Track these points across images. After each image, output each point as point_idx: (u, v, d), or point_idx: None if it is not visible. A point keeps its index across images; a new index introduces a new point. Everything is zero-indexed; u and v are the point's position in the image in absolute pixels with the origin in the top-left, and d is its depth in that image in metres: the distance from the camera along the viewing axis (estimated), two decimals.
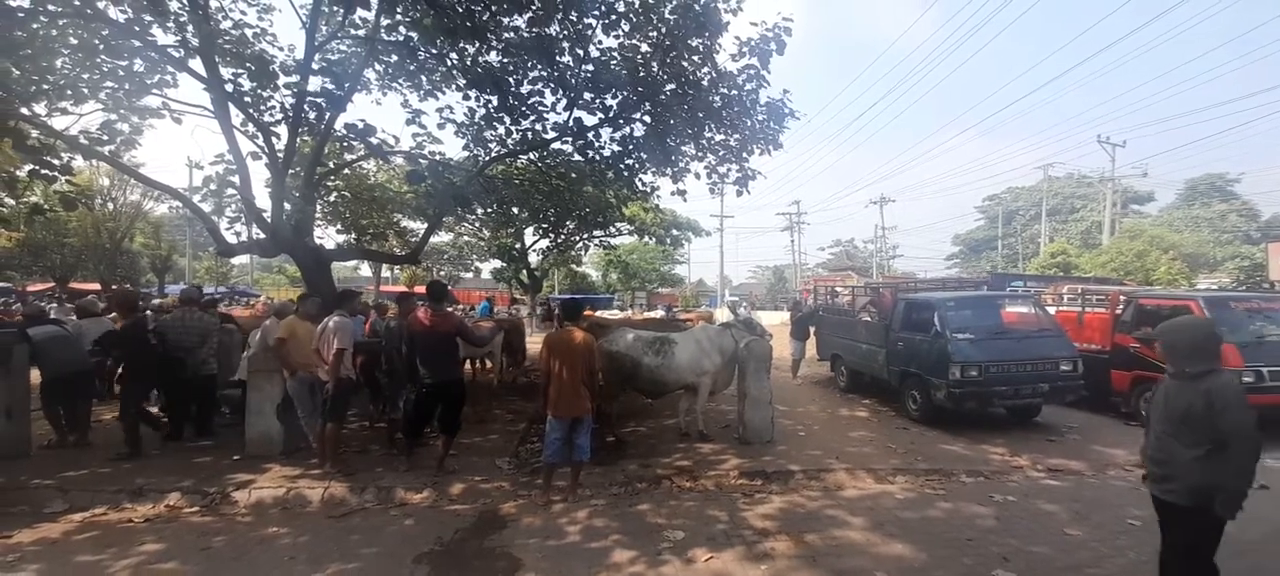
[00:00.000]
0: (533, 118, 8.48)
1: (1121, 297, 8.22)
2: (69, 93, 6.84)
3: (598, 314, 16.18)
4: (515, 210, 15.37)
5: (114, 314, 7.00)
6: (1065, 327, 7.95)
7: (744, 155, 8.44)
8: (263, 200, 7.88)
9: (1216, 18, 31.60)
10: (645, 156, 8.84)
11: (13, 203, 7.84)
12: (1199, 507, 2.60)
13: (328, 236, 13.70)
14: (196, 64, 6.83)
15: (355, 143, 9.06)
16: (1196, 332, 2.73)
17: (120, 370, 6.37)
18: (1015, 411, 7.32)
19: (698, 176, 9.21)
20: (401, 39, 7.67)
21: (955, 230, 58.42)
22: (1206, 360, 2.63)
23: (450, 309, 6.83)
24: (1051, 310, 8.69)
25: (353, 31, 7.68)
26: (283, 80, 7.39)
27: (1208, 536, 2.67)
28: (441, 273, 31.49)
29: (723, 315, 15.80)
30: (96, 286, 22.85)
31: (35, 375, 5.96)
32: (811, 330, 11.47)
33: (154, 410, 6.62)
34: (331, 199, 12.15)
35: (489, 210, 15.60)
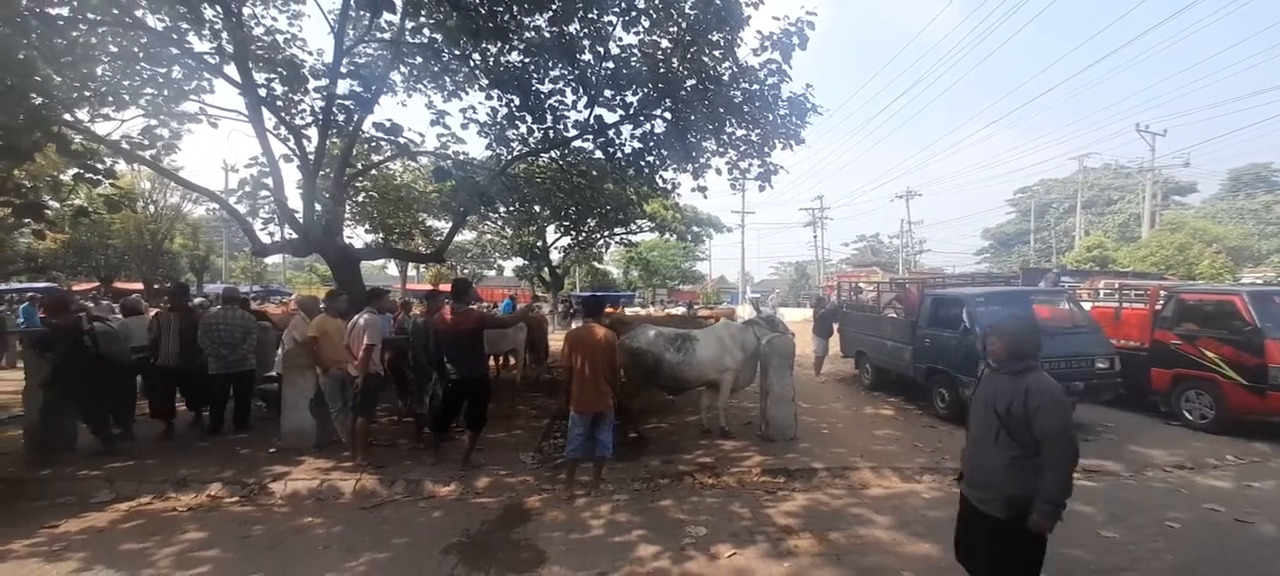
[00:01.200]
0: (554, 116, 8.54)
1: (1162, 292, 7.93)
2: (110, 99, 7.13)
3: (624, 311, 16.23)
4: (537, 208, 15.48)
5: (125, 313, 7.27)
6: (1102, 324, 7.70)
7: (766, 150, 8.35)
8: (294, 201, 8.12)
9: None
10: (666, 153, 8.82)
11: (58, 205, 8.21)
12: (1014, 520, 2.43)
13: (356, 236, 14.03)
14: (231, 70, 7.05)
15: (382, 143, 9.26)
16: (1022, 325, 2.61)
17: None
18: None
19: (719, 172, 9.16)
20: (426, 41, 7.80)
21: (985, 224, 57.05)
22: (1029, 355, 2.49)
23: (473, 306, 6.94)
24: (1087, 305, 8.43)
25: (379, 35, 7.84)
26: (313, 84, 7.59)
27: (1026, 551, 2.48)
28: (465, 271, 31.91)
29: (744, 312, 15.71)
30: (139, 286, 23.78)
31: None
32: (835, 327, 11.33)
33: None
34: (360, 199, 12.43)
35: (511, 208, 15.76)
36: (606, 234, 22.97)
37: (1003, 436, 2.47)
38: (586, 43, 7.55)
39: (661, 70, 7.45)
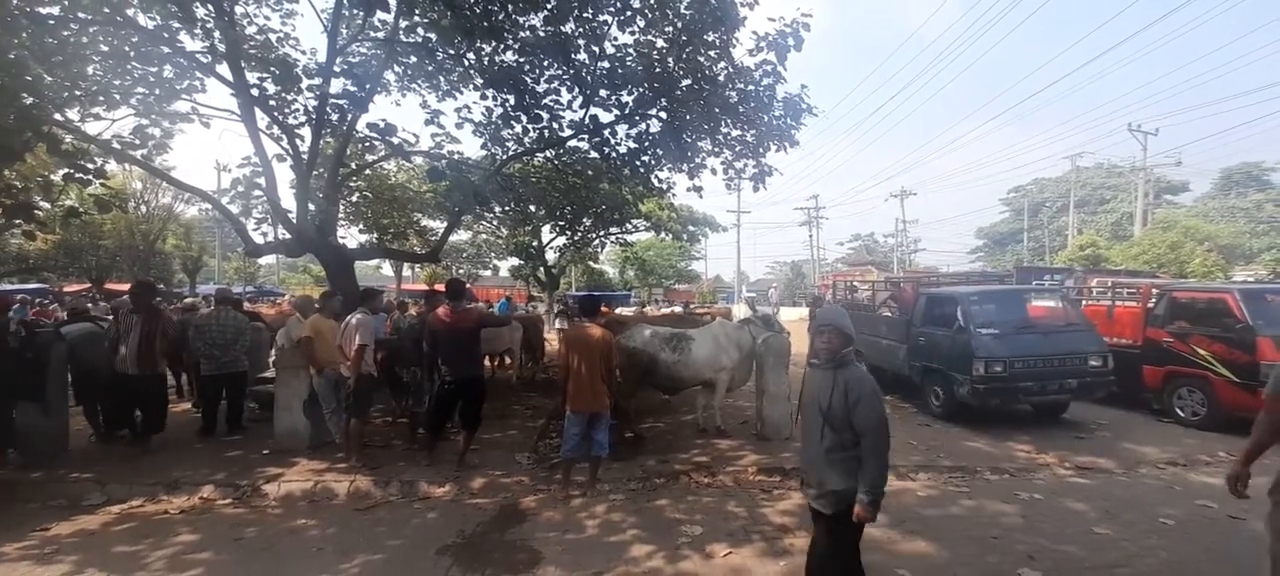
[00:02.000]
0: (549, 116, 8.53)
1: (1154, 290, 7.99)
2: (101, 98, 7.06)
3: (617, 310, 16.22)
4: (532, 208, 15.46)
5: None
6: (1095, 322, 7.75)
7: (761, 151, 8.37)
8: (288, 201, 8.07)
9: None
10: (661, 153, 8.82)
11: (49, 205, 8.14)
12: (841, 514, 2.48)
13: (350, 236, 13.98)
14: (223, 69, 7.00)
15: (376, 143, 9.22)
16: (843, 320, 2.64)
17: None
18: (1041, 408, 7.16)
19: (714, 172, 9.16)
20: (420, 40, 7.77)
21: (979, 223, 57.28)
22: (846, 349, 2.54)
23: (470, 305, 6.92)
24: (1081, 303, 8.48)
25: (373, 34, 7.80)
26: (306, 83, 7.56)
27: (846, 539, 2.55)
28: (460, 271, 31.81)
29: (740, 311, 15.72)
30: (129, 285, 23.56)
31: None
32: None
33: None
34: (354, 199, 12.38)
35: (506, 208, 15.71)
36: (602, 233, 22.94)
37: (827, 431, 2.51)
38: (582, 42, 7.54)
39: (657, 70, 7.45)
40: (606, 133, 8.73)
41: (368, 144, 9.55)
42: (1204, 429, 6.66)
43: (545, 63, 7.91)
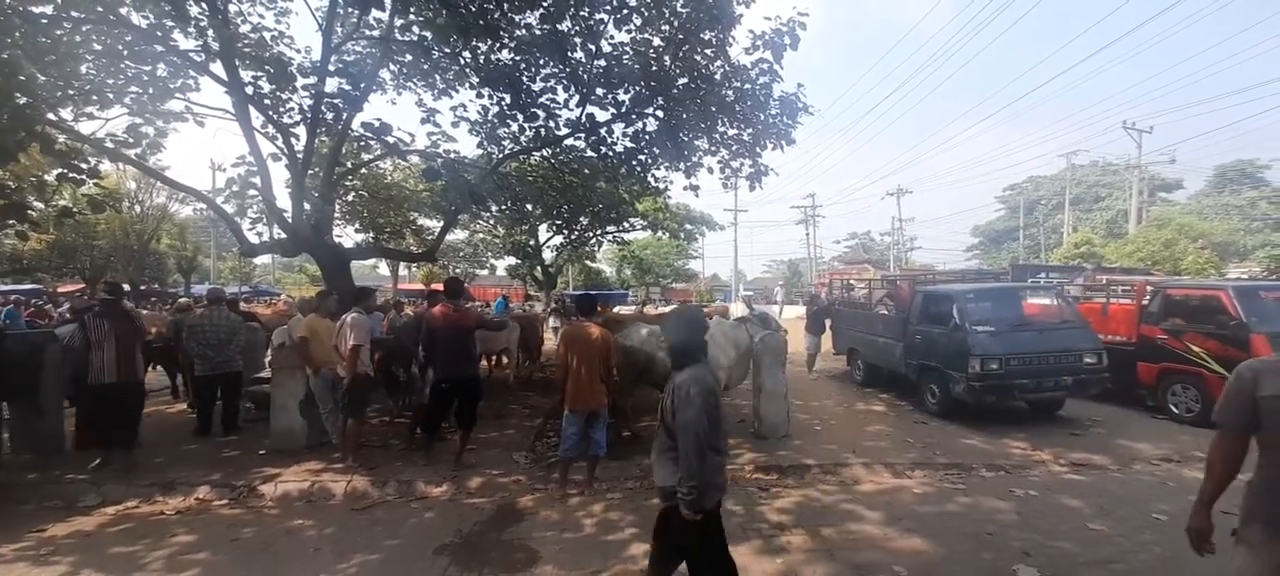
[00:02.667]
0: (545, 114, 8.52)
1: (1148, 288, 8.03)
2: (94, 97, 7.03)
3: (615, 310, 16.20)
4: (529, 207, 15.45)
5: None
6: (1089, 319, 7.78)
7: (757, 150, 8.38)
8: (283, 200, 8.04)
9: None
10: (658, 152, 8.82)
11: (42, 206, 8.09)
12: (672, 508, 2.51)
13: (346, 235, 13.95)
14: (217, 68, 6.96)
15: (372, 142, 9.19)
16: (686, 320, 2.67)
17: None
18: (1037, 405, 7.20)
19: (711, 171, 9.18)
20: (415, 38, 7.74)
21: (975, 221, 57.50)
22: (687, 352, 2.57)
23: (468, 304, 6.91)
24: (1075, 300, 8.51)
25: (368, 32, 7.77)
26: (301, 82, 7.51)
27: (689, 533, 2.52)
28: (457, 270, 31.75)
29: (737, 309, 15.74)
30: (126, 287, 23.46)
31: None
32: (827, 324, 11.38)
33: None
34: (350, 198, 12.35)
35: (503, 207, 15.69)
36: (599, 232, 22.91)
37: (662, 430, 2.59)
38: (578, 40, 7.53)
39: (653, 68, 7.45)
40: (603, 131, 8.73)
41: (363, 143, 9.52)
42: (1198, 425, 6.69)
43: (541, 61, 7.89)
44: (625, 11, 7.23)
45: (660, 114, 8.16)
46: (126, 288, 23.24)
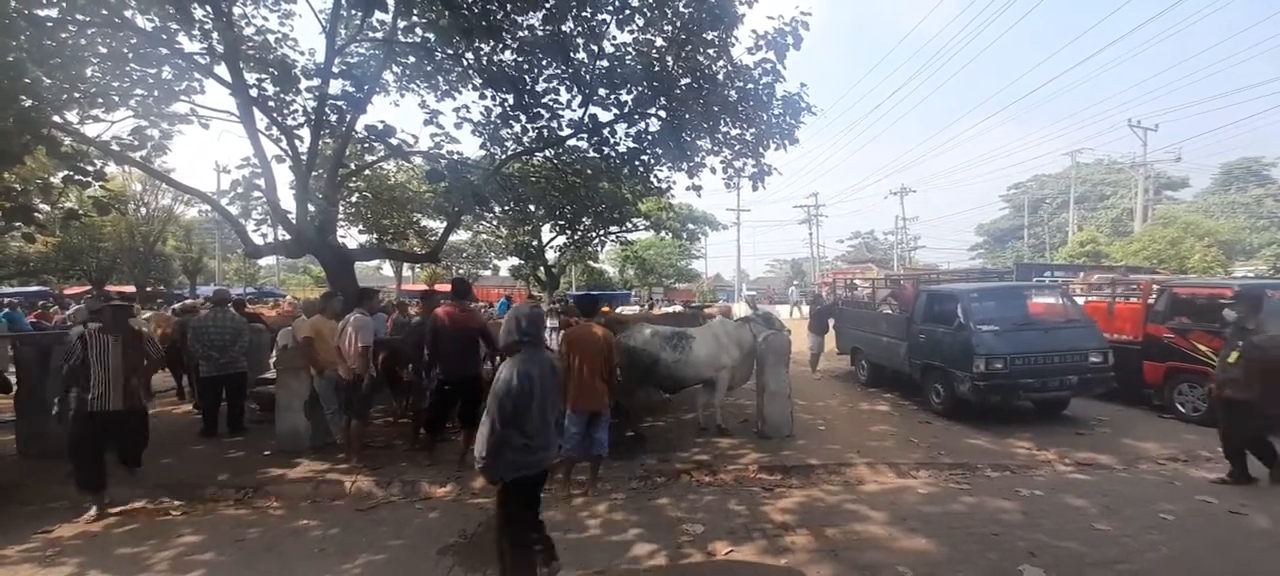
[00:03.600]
0: (548, 115, 8.52)
1: (1154, 287, 7.99)
2: (100, 100, 7.06)
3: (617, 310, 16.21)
4: (532, 207, 15.44)
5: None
6: (1095, 318, 7.75)
7: (760, 150, 8.36)
8: (287, 202, 8.06)
9: None
10: (660, 152, 8.81)
11: (48, 208, 8.14)
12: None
13: (350, 236, 13.97)
14: (222, 70, 6.99)
15: (375, 144, 9.21)
16: (509, 317, 3.05)
17: None
18: (1042, 404, 7.17)
19: (714, 171, 9.15)
20: (418, 40, 7.76)
21: (979, 220, 57.28)
22: (516, 337, 2.95)
23: (473, 306, 6.91)
24: (1080, 300, 8.48)
25: (371, 34, 7.79)
26: (305, 84, 7.55)
27: (500, 501, 3.02)
28: (460, 270, 31.79)
29: (740, 309, 15.73)
30: (131, 289, 23.59)
31: None
32: (831, 323, 11.36)
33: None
34: (353, 200, 12.36)
35: (506, 208, 15.70)
36: (602, 233, 22.92)
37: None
38: (580, 41, 7.53)
39: (656, 69, 7.44)
40: (606, 132, 8.72)
41: (367, 144, 9.54)
42: (1204, 425, 6.64)
43: (544, 62, 7.90)
44: (628, 12, 7.23)
45: (663, 114, 8.15)
46: (131, 289, 23.41)
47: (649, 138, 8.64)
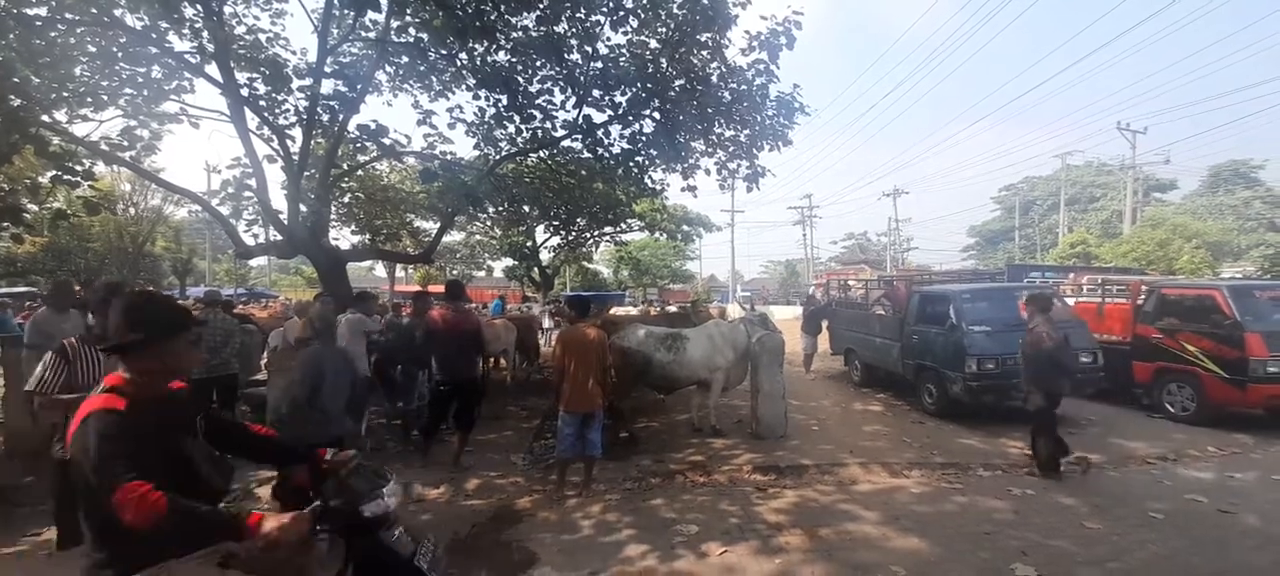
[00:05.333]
0: (542, 116, 8.51)
1: (1143, 288, 8.07)
2: (89, 100, 7.00)
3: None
4: (526, 208, 15.44)
5: None
6: (1085, 319, 7.82)
7: (754, 151, 8.39)
8: (279, 202, 8.02)
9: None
10: (655, 153, 8.82)
11: (36, 208, 8.06)
12: None
13: (343, 237, 13.94)
14: (212, 69, 6.95)
15: (368, 144, 9.17)
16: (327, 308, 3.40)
17: None
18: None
19: (708, 172, 9.18)
20: (411, 40, 7.74)
21: (970, 221, 57.58)
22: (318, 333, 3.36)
23: (468, 307, 6.89)
24: (1070, 301, 8.55)
25: (364, 34, 7.77)
26: (296, 83, 7.50)
27: None
28: (454, 271, 31.74)
29: (734, 310, 15.75)
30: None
31: None
32: (824, 324, 11.40)
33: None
34: (346, 200, 12.33)
35: (500, 209, 15.69)
36: (596, 233, 22.94)
37: None
38: (574, 42, 7.54)
39: (650, 70, 7.46)
40: (600, 133, 8.73)
41: (360, 144, 9.51)
42: (1193, 424, 6.73)
43: (538, 63, 7.90)
44: (621, 13, 7.24)
45: (657, 115, 8.16)
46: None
47: (643, 139, 8.65)
